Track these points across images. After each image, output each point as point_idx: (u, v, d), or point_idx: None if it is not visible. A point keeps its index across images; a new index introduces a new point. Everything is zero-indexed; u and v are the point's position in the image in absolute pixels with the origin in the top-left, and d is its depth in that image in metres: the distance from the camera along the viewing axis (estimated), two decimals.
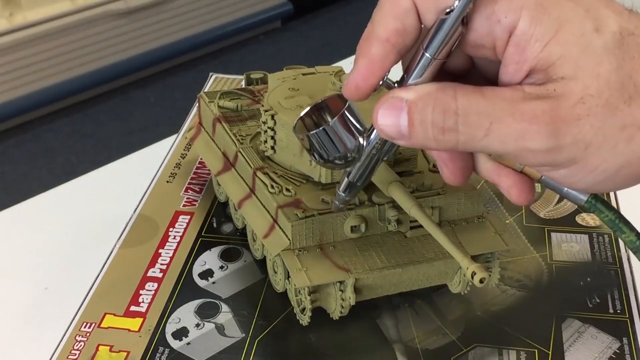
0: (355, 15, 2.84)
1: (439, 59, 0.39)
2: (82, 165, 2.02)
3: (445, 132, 0.39)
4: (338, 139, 0.44)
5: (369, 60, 0.40)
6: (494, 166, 0.43)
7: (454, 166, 0.43)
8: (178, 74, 2.46)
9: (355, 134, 0.44)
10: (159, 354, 0.56)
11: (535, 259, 0.64)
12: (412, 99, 0.39)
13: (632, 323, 0.58)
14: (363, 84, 0.41)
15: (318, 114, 0.45)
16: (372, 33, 0.40)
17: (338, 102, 0.44)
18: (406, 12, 0.40)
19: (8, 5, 2.09)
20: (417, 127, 0.39)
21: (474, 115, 0.38)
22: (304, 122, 0.45)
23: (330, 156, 0.44)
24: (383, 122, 0.40)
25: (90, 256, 0.66)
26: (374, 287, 0.56)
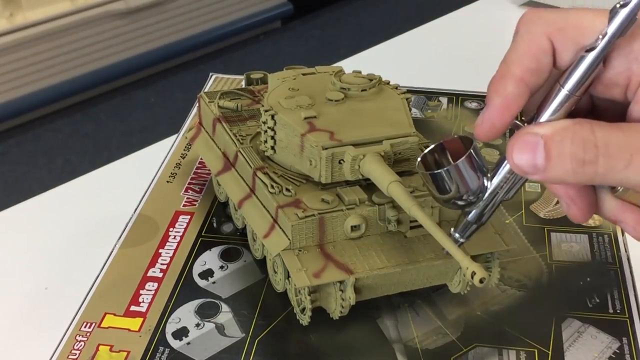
0: (355, 16, 2.84)
1: (577, 95, 0.41)
2: (82, 165, 2.02)
3: (585, 165, 0.39)
4: (462, 179, 0.44)
5: (504, 98, 0.42)
6: (618, 204, 0.44)
7: (583, 203, 0.44)
8: (178, 74, 2.47)
9: (480, 175, 0.44)
10: (159, 353, 0.56)
11: (535, 259, 0.65)
12: (548, 134, 0.40)
13: (631, 323, 0.58)
14: (498, 122, 0.42)
15: (440, 154, 0.45)
16: (507, 72, 0.42)
17: (459, 144, 0.45)
18: (543, 52, 0.42)
19: (8, 5, 2.10)
20: (555, 160, 0.40)
21: (613, 147, 0.39)
22: (426, 160, 0.45)
23: (452, 195, 0.45)
24: (518, 157, 0.40)
25: (90, 256, 0.66)
26: (374, 287, 0.56)
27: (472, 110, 0.85)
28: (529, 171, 0.40)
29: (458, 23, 1.18)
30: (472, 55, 1.06)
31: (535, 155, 0.40)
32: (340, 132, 0.57)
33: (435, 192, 0.45)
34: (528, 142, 0.40)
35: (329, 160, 0.56)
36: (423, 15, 1.33)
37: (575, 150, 0.39)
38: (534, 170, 0.40)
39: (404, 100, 0.61)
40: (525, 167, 0.40)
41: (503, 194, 0.45)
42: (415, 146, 0.58)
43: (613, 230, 0.67)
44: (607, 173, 0.39)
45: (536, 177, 0.41)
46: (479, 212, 0.46)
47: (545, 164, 0.40)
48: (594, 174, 0.39)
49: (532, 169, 0.40)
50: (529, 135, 0.40)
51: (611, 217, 0.44)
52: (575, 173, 0.39)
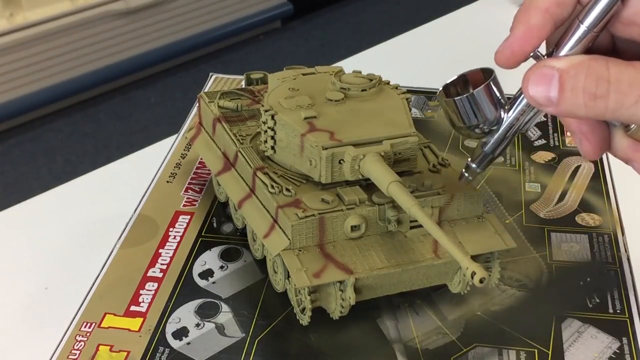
0: (355, 15, 2.84)
1: (595, 31, 0.42)
2: (82, 165, 2.02)
3: (596, 99, 0.40)
4: (479, 108, 0.46)
5: (528, 27, 0.42)
6: (630, 142, 0.45)
7: (595, 139, 0.45)
8: (178, 74, 2.47)
9: (497, 106, 0.46)
10: (159, 353, 0.56)
11: (535, 259, 0.64)
12: (564, 67, 0.41)
13: (631, 323, 0.58)
14: (519, 49, 0.43)
15: (461, 85, 0.47)
16: (532, 3, 0.43)
17: (480, 76, 0.46)
18: None
19: (8, 5, 2.09)
20: (568, 93, 0.41)
21: (625, 84, 0.40)
22: (448, 90, 0.47)
23: (470, 123, 0.46)
24: (533, 89, 0.42)
25: (90, 256, 0.66)
26: (374, 287, 0.56)
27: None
28: (543, 103, 0.42)
29: (458, 23, 1.18)
30: (472, 55, 1.06)
31: (550, 87, 0.41)
32: (340, 132, 0.57)
33: (455, 120, 0.46)
34: (544, 75, 0.41)
35: (329, 160, 0.56)
36: (423, 15, 1.33)
37: (588, 85, 0.40)
38: (547, 103, 0.41)
39: (404, 100, 0.61)
40: (540, 99, 0.41)
41: (519, 126, 0.47)
42: (415, 146, 0.58)
43: (613, 230, 0.67)
44: (618, 108, 0.40)
45: (550, 109, 0.42)
46: (496, 143, 0.48)
47: (558, 96, 0.41)
48: (604, 108, 0.40)
49: (546, 101, 0.41)
50: (545, 68, 0.41)
51: (623, 155, 0.45)
52: (587, 107, 0.40)
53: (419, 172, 0.61)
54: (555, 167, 0.76)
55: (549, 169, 0.76)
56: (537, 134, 0.81)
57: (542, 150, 0.79)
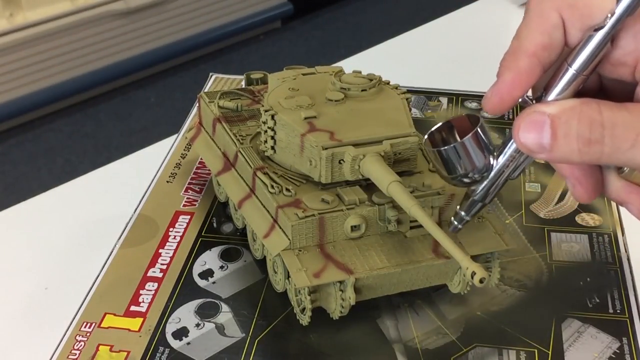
0: (355, 15, 2.84)
1: (585, 74, 0.41)
2: (82, 165, 2.02)
3: (591, 144, 0.39)
4: (468, 157, 0.44)
5: (516, 73, 0.41)
6: (624, 184, 0.44)
7: (588, 183, 0.44)
8: (178, 74, 2.47)
9: (486, 153, 0.45)
10: (159, 353, 0.56)
11: (535, 259, 0.65)
12: (555, 113, 0.40)
13: (632, 323, 0.58)
14: (508, 96, 0.42)
15: (447, 132, 0.45)
16: (519, 47, 0.42)
17: (466, 122, 0.45)
18: (554, 27, 0.41)
19: (8, 5, 2.09)
20: (561, 140, 0.40)
21: (620, 128, 0.39)
22: (433, 137, 0.45)
23: (458, 173, 0.45)
24: (525, 136, 0.41)
25: (90, 256, 0.66)
26: (374, 287, 0.56)
27: (472, 110, 0.85)
28: (535, 150, 0.41)
29: (458, 23, 1.18)
30: (472, 55, 1.06)
31: (542, 134, 0.40)
32: (340, 132, 0.57)
33: (442, 170, 0.45)
34: (535, 121, 0.40)
35: (329, 160, 0.56)
36: (423, 15, 1.33)
37: (581, 130, 0.39)
38: (540, 150, 0.40)
39: (404, 100, 0.61)
40: (532, 145, 0.41)
41: (509, 172, 0.46)
42: (415, 146, 0.58)
43: (613, 231, 0.67)
44: (613, 153, 0.39)
45: (542, 156, 0.41)
46: (485, 191, 0.46)
47: (551, 143, 0.40)
48: (600, 153, 0.39)
49: (538, 147, 0.40)
50: (535, 114, 0.40)
51: (616, 198, 0.44)
52: (582, 153, 0.40)
53: (419, 172, 0.61)
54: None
55: (549, 169, 0.76)
56: None
57: None
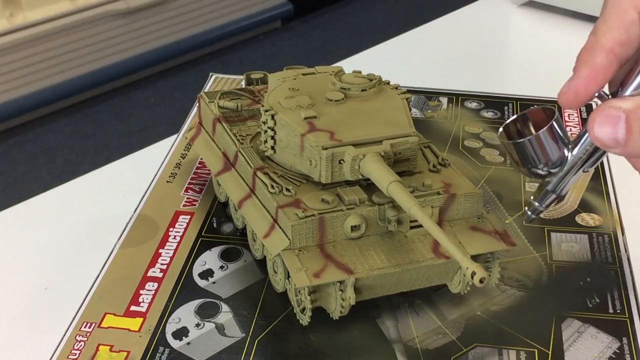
0: (355, 15, 2.85)
1: None
2: (82, 165, 2.02)
3: None
4: (543, 150, 0.45)
5: (592, 69, 0.42)
6: None
7: None
8: (178, 74, 2.47)
9: (561, 145, 0.45)
10: (159, 353, 0.56)
11: (535, 259, 0.64)
12: (631, 108, 0.40)
13: (632, 323, 0.58)
14: (583, 91, 0.42)
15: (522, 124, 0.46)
16: (597, 43, 0.42)
17: (542, 114, 0.46)
18: (632, 24, 0.42)
19: (8, 5, 2.09)
20: (636, 135, 0.40)
21: None
22: (508, 130, 0.46)
23: (533, 165, 0.46)
24: (600, 131, 0.41)
25: (90, 256, 0.66)
26: (374, 287, 0.56)
27: (472, 110, 0.85)
28: (610, 144, 0.41)
29: (458, 23, 1.18)
30: (472, 55, 1.06)
31: (617, 129, 0.41)
32: (340, 132, 0.57)
33: (517, 162, 0.46)
34: (610, 116, 0.41)
35: (329, 160, 0.56)
36: (423, 15, 1.33)
37: None
38: (614, 144, 0.41)
39: (404, 100, 0.61)
40: (606, 140, 0.41)
41: (583, 165, 0.46)
42: (415, 146, 0.58)
43: (613, 231, 0.67)
44: None
45: (616, 150, 0.41)
46: (559, 182, 0.48)
47: (626, 138, 0.40)
48: None
49: (612, 142, 0.41)
50: (611, 109, 0.41)
51: None
52: None
53: (419, 172, 0.61)
54: None
55: None
56: None
57: None
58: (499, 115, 0.84)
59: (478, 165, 0.76)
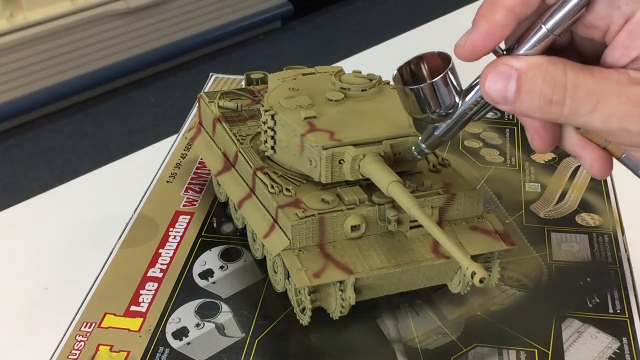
0: (355, 15, 2.84)
1: (555, 34, 0.42)
2: (82, 165, 2.02)
3: (552, 104, 0.41)
4: (436, 96, 0.46)
5: (491, 25, 0.43)
6: (580, 140, 0.46)
7: (546, 136, 0.46)
8: (178, 74, 2.47)
9: (453, 94, 0.46)
10: (159, 353, 0.56)
11: (535, 259, 0.64)
12: (522, 68, 0.41)
13: (632, 323, 0.58)
14: (481, 46, 0.43)
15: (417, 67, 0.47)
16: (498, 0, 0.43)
17: (437, 59, 0.47)
18: None
19: (8, 5, 2.09)
20: (524, 95, 0.41)
21: (582, 92, 0.40)
22: (402, 73, 0.47)
23: (425, 110, 0.47)
24: (490, 86, 0.42)
25: (90, 256, 0.66)
26: (374, 287, 0.56)
27: None
28: (499, 101, 0.42)
29: (458, 23, 1.17)
30: None
31: (507, 87, 0.41)
32: (340, 132, 0.57)
33: (409, 106, 0.47)
34: (502, 73, 0.42)
35: (329, 160, 0.56)
36: (423, 15, 1.33)
37: (545, 89, 0.41)
38: (503, 101, 0.42)
39: None
40: (496, 96, 0.42)
41: (472, 115, 0.47)
42: None
43: (613, 231, 0.67)
44: (572, 115, 0.41)
45: (504, 107, 0.42)
46: (447, 128, 0.49)
47: (514, 97, 0.41)
48: (559, 114, 0.41)
49: (502, 99, 0.42)
50: (504, 66, 0.42)
51: (571, 151, 0.46)
52: (542, 111, 0.41)
53: (419, 172, 0.61)
54: (555, 167, 0.76)
55: (549, 169, 0.76)
56: None
57: None
58: (499, 115, 0.84)
59: (478, 165, 0.76)
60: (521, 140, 0.80)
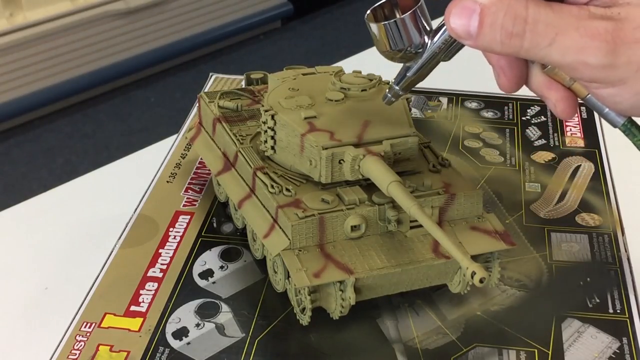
0: (355, 15, 2.84)
1: None
2: (82, 165, 2.02)
3: (512, 37, 0.42)
4: (406, 33, 0.48)
5: None
6: (545, 80, 0.46)
7: (512, 74, 0.47)
8: (178, 74, 2.46)
9: (422, 32, 0.48)
10: (159, 353, 0.56)
11: (535, 259, 0.64)
12: (485, 3, 0.42)
13: (632, 323, 0.58)
14: None
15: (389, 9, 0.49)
16: None
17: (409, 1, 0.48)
18: None
19: (8, 5, 2.09)
20: (487, 29, 0.42)
21: (541, 25, 0.41)
22: (375, 13, 0.49)
23: (395, 47, 0.48)
24: (454, 22, 0.43)
25: (90, 256, 0.66)
26: (374, 287, 0.56)
27: (472, 110, 0.85)
28: (463, 36, 0.43)
29: None
30: (472, 55, 1.06)
31: (470, 21, 0.43)
32: (340, 132, 0.57)
33: (381, 43, 0.48)
34: (466, 8, 0.43)
35: (329, 160, 0.56)
36: None
37: (505, 22, 0.42)
38: (466, 36, 0.43)
39: (404, 100, 0.61)
40: (460, 31, 0.43)
41: (441, 55, 0.49)
42: (415, 146, 0.58)
43: (613, 231, 0.67)
44: (532, 48, 0.42)
45: (468, 42, 0.44)
46: (418, 68, 0.50)
47: (477, 31, 0.43)
48: (519, 47, 0.42)
49: (465, 34, 0.43)
50: (468, 1, 0.43)
51: (536, 91, 0.47)
52: (503, 44, 0.42)
53: (419, 172, 0.61)
54: (555, 167, 0.76)
55: (549, 169, 0.76)
56: (537, 134, 0.81)
57: (542, 150, 0.79)
58: (499, 115, 0.84)
59: (478, 165, 0.76)
60: (521, 140, 0.80)
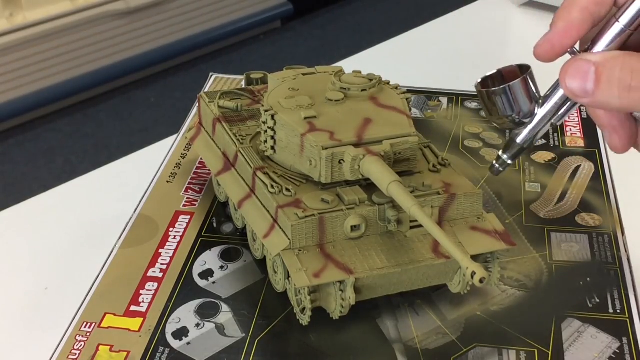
0: (355, 15, 2.84)
1: (631, 29, 0.45)
2: (82, 165, 2.02)
3: (630, 90, 0.43)
4: (515, 100, 0.48)
5: (568, 23, 0.46)
6: None
7: (624, 133, 0.48)
8: (178, 74, 2.47)
9: (532, 99, 0.49)
10: (159, 353, 0.56)
11: (535, 259, 0.65)
12: (600, 61, 0.44)
13: (632, 323, 0.58)
14: (558, 44, 0.46)
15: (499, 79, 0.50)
16: (573, 2, 0.46)
17: (517, 72, 0.49)
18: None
19: (8, 5, 2.09)
20: (604, 84, 0.43)
21: None
22: (485, 83, 0.50)
23: (505, 114, 0.49)
24: (570, 81, 0.45)
25: (90, 256, 0.66)
26: (374, 287, 0.56)
27: (472, 110, 0.85)
28: (579, 94, 0.44)
29: (458, 23, 1.18)
30: (472, 55, 1.06)
31: (587, 79, 0.44)
32: (340, 132, 0.57)
33: (490, 110, 0.49)
34: (580, 67, 0.44)
35: (329, 160, 0.56)
36: (423, 15, 1.33)
37: (623, 77, 0.43)
38: (583, 94, 0.44)
39: (404, 100, 0.61)
40: (577, 90, 0.44)
41: (551, 119, 0.49)
42: (415, 146, 0.58)
43: (613, 231, 0.67)
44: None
45: (585, 100, 0.44)
46: (527, 135, 0.50)
47: (594, 88, 0.43)
48: (638, 100, 0.43)
49: (582, 92, 0.44)
50: (582, 61, 0.44)
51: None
52: (621, 98, 0.43)
53: (419, 172, 0.61)
54: (555, 167, 0.76)
55: (549, 169, 0.76)
56: None
57: (542, 150, 0.79)
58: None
59: (478, 165, 0.76)
60: None
